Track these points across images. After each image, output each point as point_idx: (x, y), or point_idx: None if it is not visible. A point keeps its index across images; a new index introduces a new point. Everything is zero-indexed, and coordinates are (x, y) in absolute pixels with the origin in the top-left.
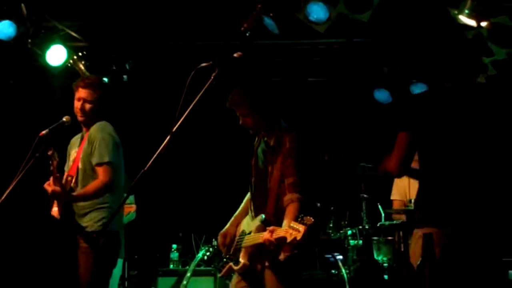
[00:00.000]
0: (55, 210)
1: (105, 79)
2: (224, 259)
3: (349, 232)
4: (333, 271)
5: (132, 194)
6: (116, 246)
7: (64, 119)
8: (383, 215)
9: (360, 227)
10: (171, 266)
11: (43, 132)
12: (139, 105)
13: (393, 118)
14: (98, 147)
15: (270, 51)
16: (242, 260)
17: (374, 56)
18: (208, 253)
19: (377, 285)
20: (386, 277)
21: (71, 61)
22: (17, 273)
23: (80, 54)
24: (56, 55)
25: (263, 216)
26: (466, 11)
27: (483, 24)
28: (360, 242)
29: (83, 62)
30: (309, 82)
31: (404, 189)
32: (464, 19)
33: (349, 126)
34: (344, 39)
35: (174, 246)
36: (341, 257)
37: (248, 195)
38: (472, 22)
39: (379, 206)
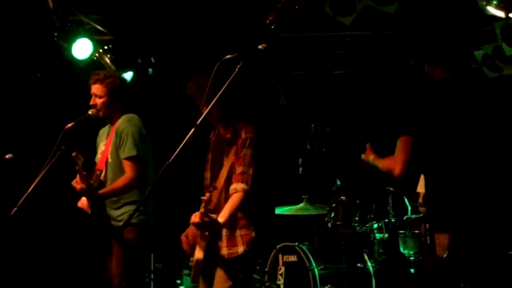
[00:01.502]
0: (81, 202)
1: (131, 72)
2: (190, 263)
3: (375, 225)
4: (359, 264)
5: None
6: (149, 238)
7: (89, 112)
8: (409, 208)
9: (386, 220)
10: None
11: (69, 125)
12: (165, 98)
13: (395, 121)
14: (126, 141)
15: (295, 44)
16: (195, 255)
17: (401, 48)
18: None
19: (403, 278)
20: (412, 270)
21: (96, 55)
22: (47, 264)
23: (105, 47)
24: (82, 48)
25: (208, 206)
26: (495, 2)
27: None
28: (386, 235)
29: (108, 56)
30: (334, 75)
31: None
32: (493, 10)
33: (375, 119)
34: (370, 31)
35: None
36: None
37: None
38: (500, 13)
39: (405, 199)
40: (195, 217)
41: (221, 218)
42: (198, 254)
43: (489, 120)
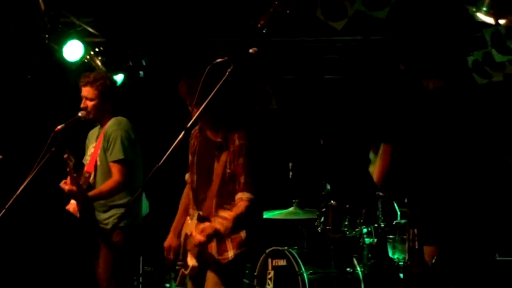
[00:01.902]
0: (71, 205)
1: (121, 75)
2: (177, 267)
3: (365, 230)
4: (348, 269)
5: (145, 189)
6: (137, 241)
7: (79, 114)
8: (399, 213)
9: (376, 225)
10: None
11: (59, 127)
12: (155, 101)
13: (376, 128)
14: (114, 144)
15: (286, 48)
16: (190, 263)
17: (391, 53)
18: None
19: (392, 283)
20: (401, 275)
21: (88, 57)
22: (35, 267)
23: (97, 49)
24: (73, 50)
25: (200, 213)
26: (484, 9)
27: (501, 21)
28: (376, 240)
29: (99, 58)
30: (325, 79)
31: None
32: (482, 16)
33: (365, 124)
34: (361, 36)
35: None
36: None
37: (183, 198)
38: (490, 20)
39: (395, 205)
40: (201, 236)
41: (227, 223)
42: (191, 261)
43: (477, 132)
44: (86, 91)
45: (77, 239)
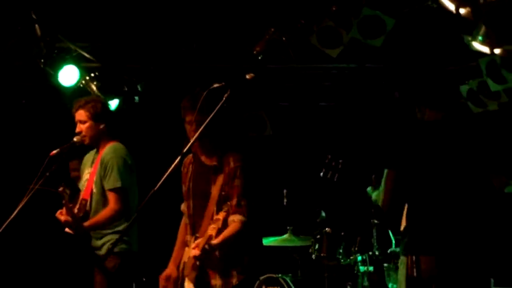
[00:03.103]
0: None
1: (117, 100)
2: None
3: (359, 258)
4: None
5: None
6: (132, 267)
7: (75, 139)
8: (393, 241)
9: (371, 253)
10: None
11: (54, 152)
12: (150, 127)
13: (378, 154)
14: (111, 172)
15: (282, 75)
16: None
17: (386, 81)
18: None
19: None
20: None
21: (83, 82)
22: None
23: (92, 75)
24: (68, 75)
25: (197, 235)
26: (480, 38)
27: (497, 51)
28: (370, 268)
29: (95, 83)
30: (320, 106)
31: None
32: (478, 46)
33: (359, 151)
34: (356, 64)
35: None
36: None
37: (181, 229)
38: (485, 49)
39: (390, 232)
40: (196, 251)
41: (215, 240)
42: (189, 286)
43: (472, 157)
44: (79, 114)
45: (71, 265)
